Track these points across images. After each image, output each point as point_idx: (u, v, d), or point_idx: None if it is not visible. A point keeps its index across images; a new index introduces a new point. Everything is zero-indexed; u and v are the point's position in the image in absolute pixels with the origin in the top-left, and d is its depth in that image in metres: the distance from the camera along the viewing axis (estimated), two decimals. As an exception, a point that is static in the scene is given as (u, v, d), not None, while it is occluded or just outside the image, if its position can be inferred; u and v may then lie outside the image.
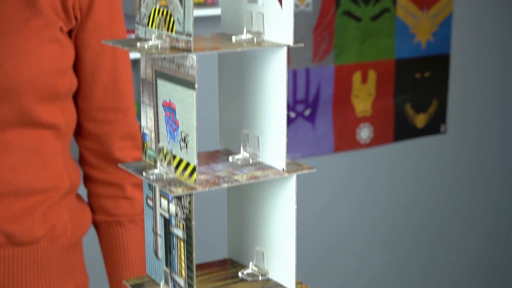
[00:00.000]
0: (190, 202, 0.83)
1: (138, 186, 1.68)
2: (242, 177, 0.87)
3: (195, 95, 0.82)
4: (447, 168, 3.54)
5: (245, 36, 0.90)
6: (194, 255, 0.83)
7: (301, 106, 3.07)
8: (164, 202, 0.88)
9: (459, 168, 3.58)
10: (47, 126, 1.51)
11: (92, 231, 1.73)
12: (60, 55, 1.49)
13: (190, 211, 0.83)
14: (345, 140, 3.19)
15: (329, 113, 3.13)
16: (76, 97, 1.60)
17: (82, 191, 1.67)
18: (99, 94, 1.60)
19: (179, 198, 0.85)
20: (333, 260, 3.27)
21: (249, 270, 0.93)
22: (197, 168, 0.83)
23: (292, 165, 0.90)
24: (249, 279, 0.92)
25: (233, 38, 0.89)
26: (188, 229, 0.83)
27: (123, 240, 1.68)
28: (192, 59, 0.82)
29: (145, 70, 0.93)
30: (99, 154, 1.65)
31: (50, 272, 1.56)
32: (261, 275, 0.92)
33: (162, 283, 0.89)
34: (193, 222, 0.82)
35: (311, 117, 3.10)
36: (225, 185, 0.85)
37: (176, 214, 0.85)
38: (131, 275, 1.69)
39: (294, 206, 0.88)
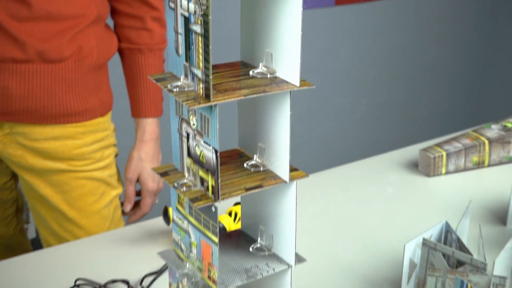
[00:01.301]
0: (207, -1, 0.79)
1: (157, 20, 1.67)
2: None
3: None
4: (434, 23, 3.50)
5: None
6: (210, 47, 0.80)
7: (308, -38, 2.97)
8: (184, 2, 0.84)
9: (444, 24, 3.54)
10: None
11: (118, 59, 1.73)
12: None
13: (207, 7, 0.79)
14: (345, -5, 3.13)
15: (332, -31, 3.06)
16: None
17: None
18: None
19: (197, -6, 0.81)
20: (331, 99, 3.28)
21: (259, 69, 0.91)
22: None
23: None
24: (259, 76, 0.90)
25: None
26: (205, 24, 0.80)
27: (142, 65, 1.69)
28: None
29: None
30: None
31: (77, 88, 1.57)
32: (270, 74, 0.90)
33: (182, 77, 0.87)
34: (210, 17, 0.78)
35: (315, -27, 3.02)
36: (239, -15, 0.81)
37: (195, 12, 0.81)
38: (147, 94, 1.71)
39: (301, 8, 0.84)
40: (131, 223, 1.72)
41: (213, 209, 0.86)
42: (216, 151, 0.84)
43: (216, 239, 0.86)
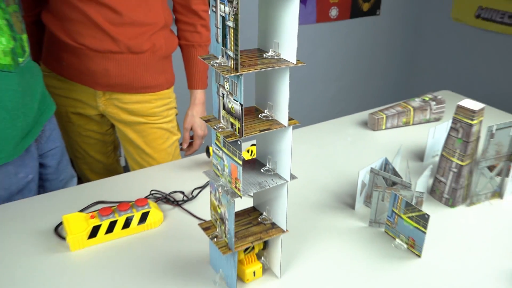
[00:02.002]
0: (237, 3, 0.76)
1: (204, 26, 1.63)
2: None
3: None
4: (380, 36, 3.44)
5: None
6: (239, 36, 0.77)
7: (299, -6, 2.92)
8: (222, 6, 0.80)
9: (386, 36, 3.47)
10: None
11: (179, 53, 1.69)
12: None
13: (237, 9, 0.76)
14: (322, 16, 3.05)
15: (314, -1, 3.00)
16: None
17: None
18: None
19: (230, 1, 0.77)
20: (312, 84, 3.26)
21: (269, 53, 0.87)
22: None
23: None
24: (269, 57, 0.86)
25: None
26: (236, 21, 0.77)
27: (194, 55, 1.66)
28: None
29: None
30: (183, 6, 1.60)
31: (151, 70, 1.55)
32: (276, 56, 0.87)
33: (220, 57, 0.85)
34: (239, 16, 0.75)
35: (303, 1, 2.95)
36: (258, -5, 0.78)
37: (229, 13, 0.78)
38: (198, 74, 1.68)
39: (297, 15, 0.80)
40: (186, 156, 1.73)
41: (239, 142, 0.85)
42: (241, 105, 0.82)
43: (240, 162, 0.86)
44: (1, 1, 1.12)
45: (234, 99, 0.84)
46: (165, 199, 1.28)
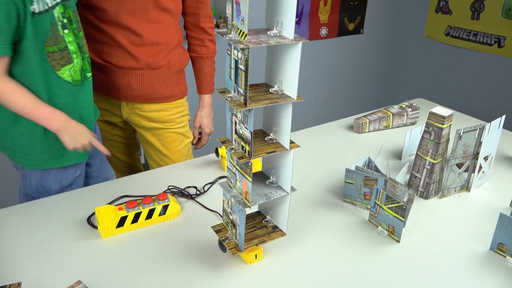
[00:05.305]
0: (248, 52, 0.78)
1: (211, 41, 1.62)
2: (272, 41, 0.80)
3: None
4: (363, 51, 3.42)
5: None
6: (248, 78, 0.79)
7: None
8: (235, 51, 0.82)
9: (369, 51, 3.46)
10: (166, 10, 1.44)
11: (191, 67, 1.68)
12: None
13: (248, 57, 0.78)
14: (314, 34, 3.04)
15: (307, 19, 2.96)
16: None
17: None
18: None
19: (242, 49, 0.79)
20: (305, 92, 3.25)
21: (274, 88, 0.87)
22: (247, 34, 0.76)
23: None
24: (274, 92, 0.86)
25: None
26: (246, 66, 0.78)
27: (203, 66, 1.64)
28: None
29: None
30: (193, 24, 1.59)
31: (167, 83, 1.54)
32: (280, 91, 0.86)
33: (232, 92, 0.86)
34: (249, 62, 0.77)
35: (297, 22, 2.94)
36: (263, 44, 0.79)
37: (241, 58, 0.80)
38: (206, 81, 1.66)
39: (299, 59, 0.82)
40: (197, 149, 1.71)
41: (250, 163, 0.86)
42: (251, 133, 0.83)
43: (250, 179, 0.87)
44: (74, 28, 1.15)
45: (245, 127, 0.85)
46: (180, 193, 1.27)
